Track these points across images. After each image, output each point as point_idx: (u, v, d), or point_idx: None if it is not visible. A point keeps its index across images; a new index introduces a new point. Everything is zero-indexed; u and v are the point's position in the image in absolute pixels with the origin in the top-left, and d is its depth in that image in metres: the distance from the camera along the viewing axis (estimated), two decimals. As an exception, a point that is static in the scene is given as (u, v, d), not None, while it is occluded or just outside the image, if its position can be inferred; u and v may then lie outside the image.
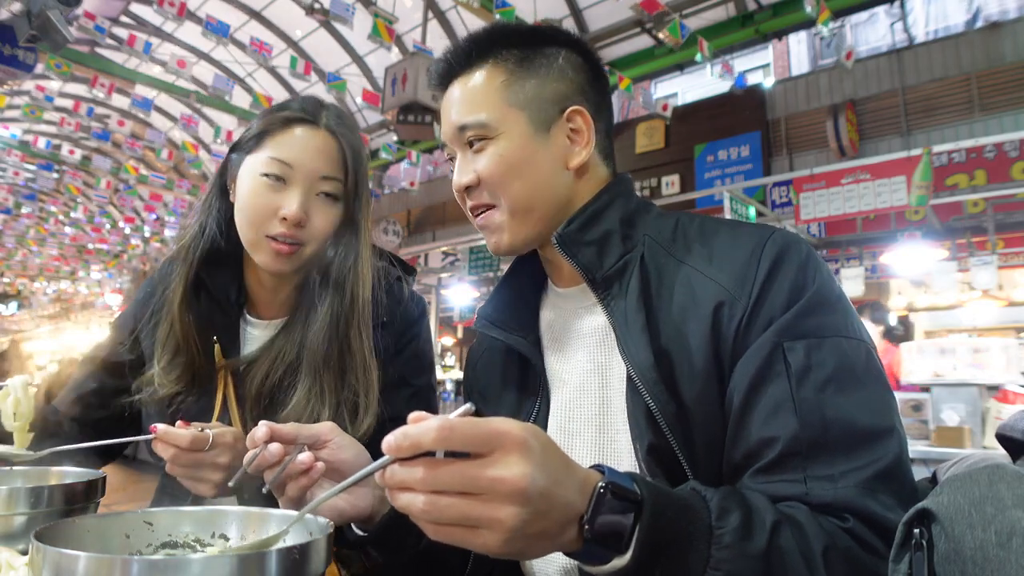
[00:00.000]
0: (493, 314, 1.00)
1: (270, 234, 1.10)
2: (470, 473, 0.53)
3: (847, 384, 0.74)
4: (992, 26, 7.97)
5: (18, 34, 4.07)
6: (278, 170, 1.10)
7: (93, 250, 18.34)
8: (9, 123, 13.01)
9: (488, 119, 0.90)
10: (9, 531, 0.83)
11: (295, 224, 1.09)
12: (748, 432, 0.75)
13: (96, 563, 0.54)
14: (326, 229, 1.13)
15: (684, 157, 9.70)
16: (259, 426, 0.81)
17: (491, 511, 0.53)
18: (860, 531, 0.66)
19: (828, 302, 0.79)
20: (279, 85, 13.12)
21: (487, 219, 0.93)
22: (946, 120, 7.84)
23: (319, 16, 6.60)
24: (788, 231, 0.86)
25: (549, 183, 0.92)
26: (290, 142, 1.11)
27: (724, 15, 8.77)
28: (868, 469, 0.69)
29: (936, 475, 0.77)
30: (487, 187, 0.91)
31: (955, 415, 4.43)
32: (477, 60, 0.93)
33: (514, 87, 0.91)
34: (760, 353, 0.76)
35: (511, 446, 0.54)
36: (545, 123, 0.92)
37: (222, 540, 0.72)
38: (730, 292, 0.81)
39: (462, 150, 0.94)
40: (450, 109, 0.94)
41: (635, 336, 0.83)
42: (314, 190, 1.11)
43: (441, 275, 9.87)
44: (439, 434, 0.53)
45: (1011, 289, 7.77)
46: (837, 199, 5.65)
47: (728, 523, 0.61)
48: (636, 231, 0.92)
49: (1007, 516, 0.51)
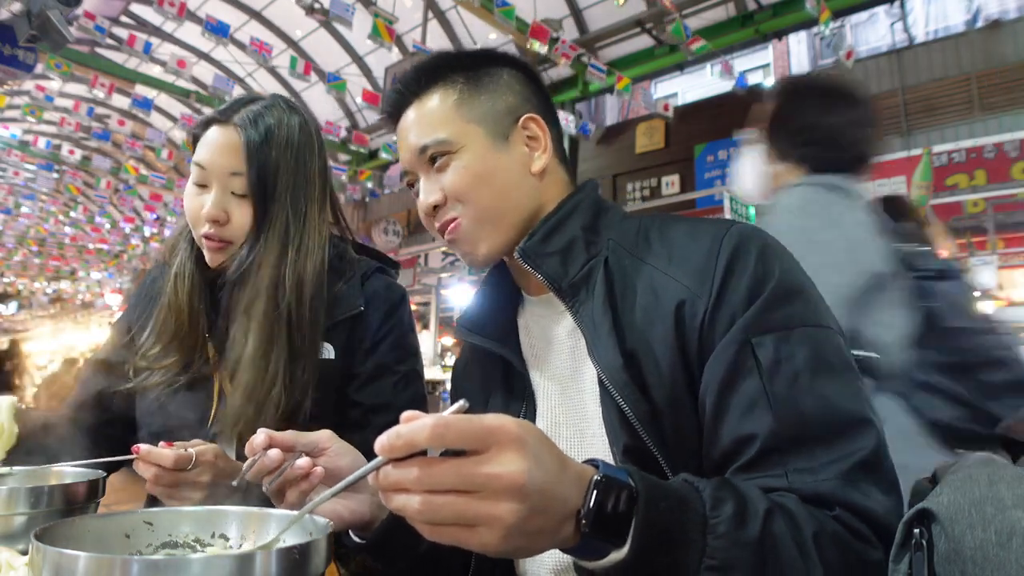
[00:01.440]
0: (472, 322, 1.01)
1: (203, 234, 1.15)
2: (466, 470, 0.53)
3: (818, 374, 0.74)
4: (992, 26, 7.97)
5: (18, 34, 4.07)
6: (198, 174, 1.15)
7: (93, 250, 18.34)
8: (9, 123, 13.01)
9: (448, 136, 0.92)
10: (9, 531, 0.83)
11: (214, 222, 1.13)
12: (725, 431, 0.75)
13: (96, 563, 0.54)
14: (246, 226, 1.15)
15: (684, 157, 9.70)
16: (258, 433, 0.82)
17: (489, 508, 0.53)
18: (846, 519, 0.67)
19: (791, 292, 0.79)
20: (279, 85, 13.12)
21: (457, 232, 0.93)
22: (946, 120, 7.84)
23: (319, 16, 6.59)
24: (747, 224, 0.86)
25: (516, 189, 0.94)
26: (204, 144, 1.16)
27: (724, 15, 8.76)
28: (848, 460, 0.70)
29: (936, 475, 0.77)
30: (455, 200, 0.92)
31: (955, 415, 4.42)
32: (427, 85, 0.95)
33: (467, 104, 0.94)
34: (729, 351, 0.76)
35: (507, 442, 0.53)
36: (502, 133, 0.94)
37: (222, 540, 0.72)
38: (691, 290, 0.81)
39: (425, 171, 0.95)
40: (407, 134, 0.95)
41: (603, 339, 0.84)
42: (228, 188, 1.14)
43: (441, 275, 9.88)
44: (434, 431, 0.52)
45: (1011, 289, 7.77)
46: (837, 199, 5.64)
47: (722, 512, 0.62)
48: (600, 236, 0.93)
49: (1007, 516, 0.51)
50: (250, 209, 1.15)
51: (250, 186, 1.14)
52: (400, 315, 1.28)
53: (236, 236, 1.15)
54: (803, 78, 2.76)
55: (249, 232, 1.16)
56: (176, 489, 0.94)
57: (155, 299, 1.25)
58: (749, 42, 8.72)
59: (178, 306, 1.20)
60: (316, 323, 1.16)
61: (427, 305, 11.03)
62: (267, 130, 1.16)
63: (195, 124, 1.20)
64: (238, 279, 1.15)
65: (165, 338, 1.20)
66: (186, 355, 1.20)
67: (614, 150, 10.52)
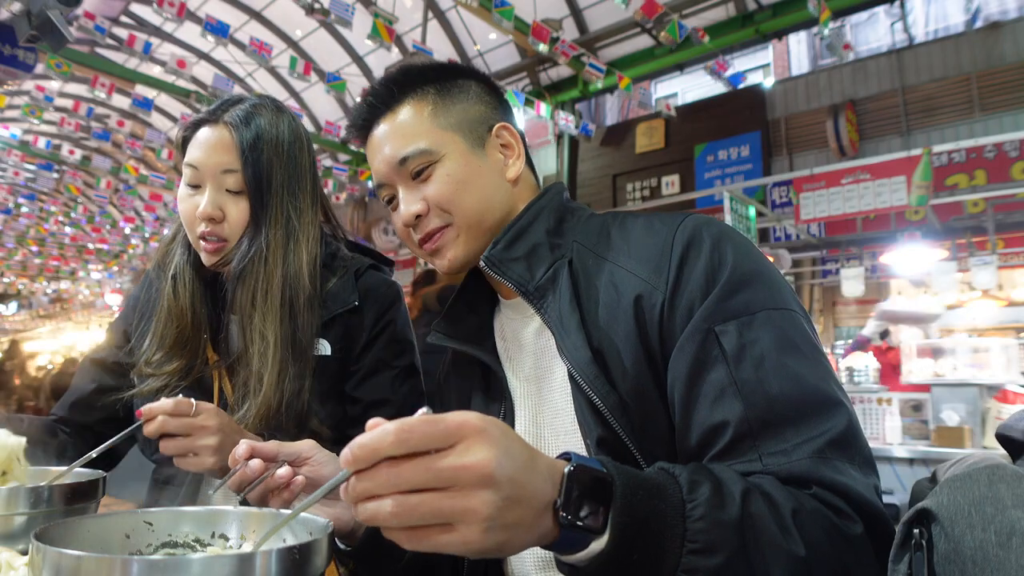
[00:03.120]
0: (448, 327, 1.02)
1: (199, 235, 1.16)
2: (435, 466, 0.51)
3: (784, 355, 0.74)
4: (992, 26, 7.97)
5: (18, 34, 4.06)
6: (190, 175, 1.16)
7: (93, 250, 18.32)
8: (9, 123, 13.00)
9: (428, 145, 0.92)
10: (9, 531, 0.83)
11: (209, 220, 1.14)
12: (696, 421, 0.76)
13: (96, 563, 0.54)
14: (241, 223, 1.16)
15: (684, 157, 9.70)
16: (240, 444, 0.83)
17: (463, 500, 0.51)
18: (823, 495, 0.68)
19: (749, 277, 0.79)
20: (279, 85, 13.11)
21: (440, 241, 0.94)
22: (946, 120, 7.84)
23: (319, 16, 6.58)
24: (701, 215, 0.88)
25: (495, 195, 0.95)
26: (196, 145, 1.17)
27: (724, 15, 8.76)
28: (820, 439, 0.70)
29: (936, 475, 0.77)
30: (439, 208, 0.93)
31: (955, 415, 4.43)
32: (399, 97, 0.96)
33: (442, 114, 0.95)
34: (693, 342, 0.77)
35: (472, 434, 0.53)
36: (479, 141, 0.96)
37: (222, 540, 0.72)
38: (648, 282, 0.82)
39: (404, 183, 0.95)
40: (382, 147, 0.95)
41: (572, 336, 0.85)
42: (222, 186, 1.15)
43: (441, 275, 9.88)
44: (398, 436, 0.51)
45: (1011, 289, 7.77)
46: (837, 199, 5.64)
47: (699, 495, 0.62)
48: (564, 239, 0.94)
49: (1007, 516, 0.51)
50: (246, 206, 1.16)
51: (246, 182, 1.15)
52: (395, 311, 1.29)
53: (232, 234, 1.16)
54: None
55: (247, 228, 1.16)
56: (188, 441, 0.96)
57: (153, 304, 1.25)
58: (749, 42, 8.71)
59: (179, 311, 1.20)
60: (313, 318, 1.18)
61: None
62: (258, 127, 1.17)
63: (183, 126, 1.21)
64: (241, 274, 1.15)
65: (168, 344, 1.20)
66: (189, 359, 1.21)
67: (614, 150, 10.51)
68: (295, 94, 13.25)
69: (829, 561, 0.64)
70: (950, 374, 4.91)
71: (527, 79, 10.65)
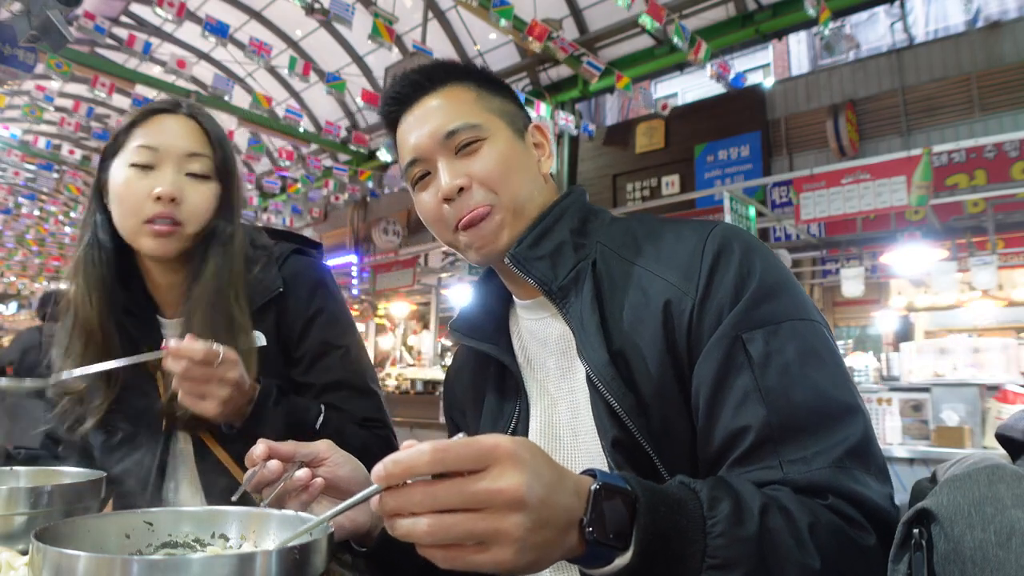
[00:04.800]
0: (465, 325, 1.03)
1: (147, 218, 1.10)
2: (468, 488, 0.54)
3: (807, 365, 0.76)
4: (992, 26, 7.97)
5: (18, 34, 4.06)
6: (146, 156, 1.12)
7: (93, 250, 18.32)
8: (9, 123, 13.00)
9: (478, 121, 0.93)
10: (9, 531, 0.83)
11: (169, 200, 1.09)
12: (719, 425, 0.77)
13: (96, 563, 0.54)
14: (202, 207, 1.13)
15: (684, 157, 9.69)
16: (257, 444, 0.83)
17: (496, 523, 0.54)
18: (840, 507, 0.69)
19: (776, 288, 0.81)
20: (279, 85, 13.11)
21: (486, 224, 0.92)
22: (946, 120, 7.84)
23: (319, 16, 6.59)
24: (730, 224, 0.89)
25: (535, 186, 0.96)
26: (155, 128, 1.14)
27: (724, 15, 8.75)
28: (838, 448, 0.72)
29: (936, 475, 0.77)
30: (483, 187, 0.91)
31: (955, 415, 4.43)
32: (445, 80, 0.96)
33: (486, 100, 0.96)
34: (720, 348, 0.79)
35: (504, 458, 0.54)
36: (520, 131, 0.98)
37: (222, 540, 0.72)
38: (678, 287, 0.84)
39: (446, 157, 0.93)
40: (426, 120, 0.94)
41: (591, 338, 0.86)
42: (183, 169, 1.13)
43: (441, 275, 9.87)
44: (434, 456, 0.53)
45: (1011, 289, 7.77)
46: (837, 199, 5.64)
47: (719, 512, 0.63)
48: (589, 239, 0.95)
49: (1007, 516, 0.51)
50: (209, 192, 1.15)
51: (217, 168, 1.15)
52: (326, 291, 1.26)
53: (187, 219, 1.12)
54: None
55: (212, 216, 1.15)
56: (203, 385, 0.97)
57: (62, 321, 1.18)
58: (749, 42, 8.72)
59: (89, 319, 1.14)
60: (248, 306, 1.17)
61: (427, 305, 11.02)
62: (212, 120, 1.19)
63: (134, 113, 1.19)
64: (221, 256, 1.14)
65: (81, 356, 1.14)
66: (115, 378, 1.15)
67: (614, 150, 10.51)
68: (295, 94, 13.25)
69: (843, 572, 0.66)
70: (950, 374, 4.91)
71: (527, 79, 10.66)
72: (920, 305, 8.36)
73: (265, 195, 14.25)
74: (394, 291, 10.23)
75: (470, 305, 1.06)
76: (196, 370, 0.96)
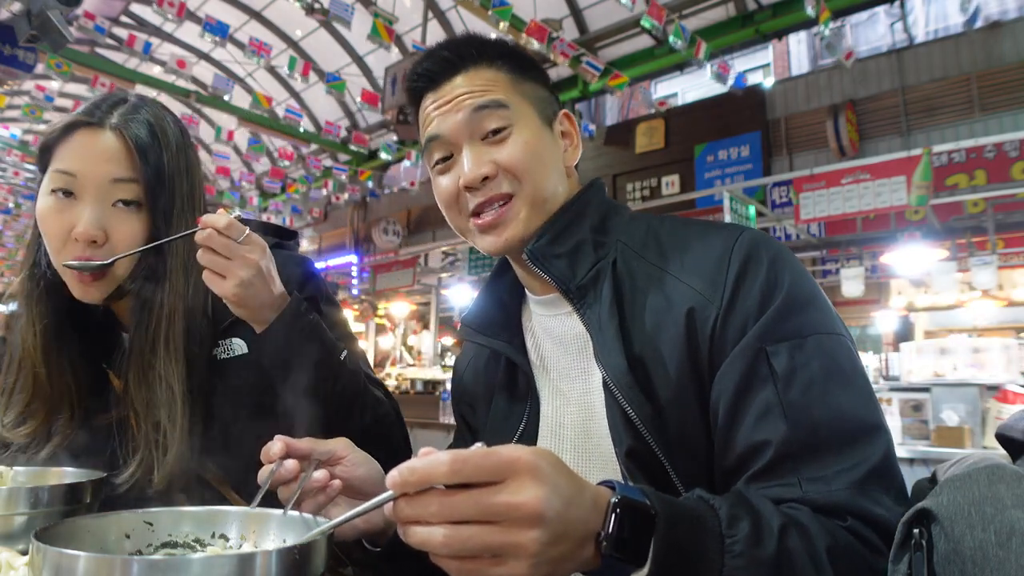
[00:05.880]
0: (476, 321, 1.01)
1: (68, 259, 0.97)
2: (486, 500, 0.52)
3: (832, 382, 0.75)
4: (992, 26, 7.96)
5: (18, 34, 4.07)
6: (63, 183, 0.98)
7: (93, 250, 18.35)
8: (9, 123, 12.99)
9: (506, 101, 0.90)
10: (9, 531, 0.83)
11: (90, 243, 0.96)
12: (739, 438, 0.76)
13: (96, 563, 0.54)
14: (130, 242, 0.99)
15: (684, 157, 9.69)
16: (275, 441, 0.80)
17: (512, 536, 0.53)
18: (859, 529, 0.68)
19: (803, 300, 0.80)
20: (279, 85, 13.11)
21: (505, 215, 0.90)
22: (946, 120, 7.84)
23: (319, 16, 6.59)
24: (758, 231, 0.87)
25: (559, 178, 0.94)
26: (73, 150, 0.99)
27: (724, 15, 8.75)
28: (860, 468, 0.71)
29: (936, 475, 0.77)
30: (510, 176, 0.89)
31: (955, 415, 4.43)
32: (479, 58, 0.93)
33: (518, 82, 0.93)
34: (744, 359, 0.77)
35: (523, 470, 0.53)
36: (548, 119, 0.95)
37: (222, 540, 0.72)
38: (702, 295, 0.81)
39: (472, 142, 0.90)
40: (453, 98, 0.91)
41: (609, 342, 0.84)
42: (108, 199, 0.99)
43: (441, 275, 9.87)
44: (452, 467, 0.52)
45: (1011, 289, 7.78)
46: (837, 199, 5.65)
47: (739, 531, 0.62)
48: (609, 237, 0.93)
49: (1007, 516, 0.51)
50: (139, 223, 1.00)
51: (146, 194, 1.00)
52: (313, 286, 1.15)
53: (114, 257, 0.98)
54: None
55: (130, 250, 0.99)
56: (225, 261, 0.92)
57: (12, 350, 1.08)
58: (749, 42, 8.71)
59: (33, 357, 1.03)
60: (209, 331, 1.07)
61: (427, 305, 11.03)
62: (151, 130, 1.01)
63: (50, 130, 1.02)
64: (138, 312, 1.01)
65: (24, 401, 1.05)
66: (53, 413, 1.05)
67: (614, 150, 10.51)
68: (295, 94, 13.25)
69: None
70: (950, 374, 4.91)
71: (527, 79, 10.65)
72: (920, 305, 8.37)
73: (265, 195, 14.25)
74: (394, 291, 10.24)
75: (482, 299, 1.04)
76: (218, 239, 0.91)
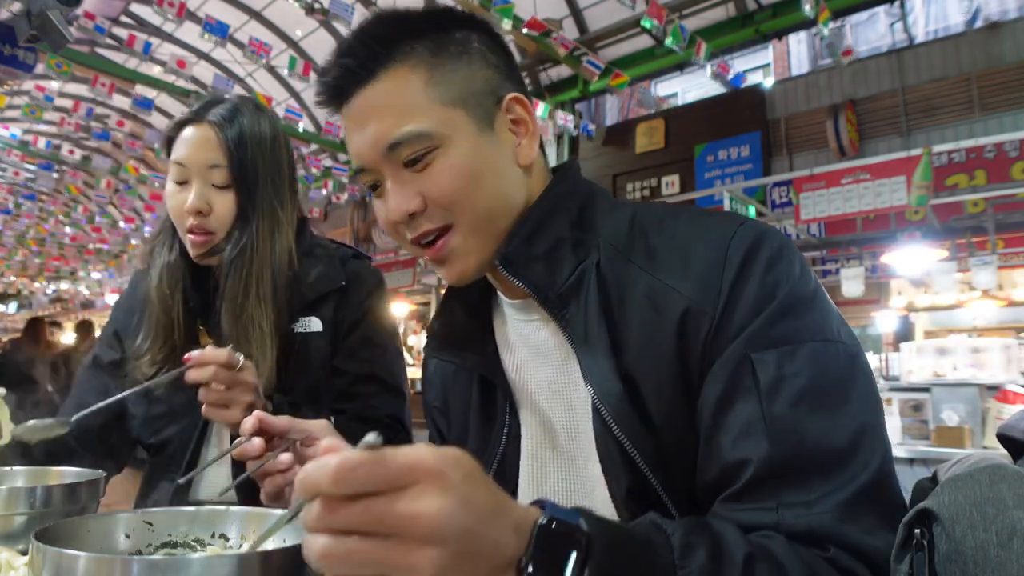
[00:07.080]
0: (443, 332, 0.90)
1: (187, 229, 1.21)
2: (377, 509, 0.43)
3: (824, 397, 0.66)
4: (992, 26, 7.97)
5: (18, 34, 4.06)
6: (177, 172, 1.21)
7: (93, 250, 18.32)
8: (9, 123, 13.00)
9: (428, 127, 0.74)
10: (9, 531, 0.83)
11: (197, 214, 1.19)
12: (718, 454, 0.68)
13: (96, 563, 0.54)
14: (226, 216, 1.21)
15: (684, 157, 9.69)
16: (252, 415, 0.85)
17: (405, 556, 0.43)
18: (841, 560, 0.60)
19: (802, 302, 0.71)
20: (279, 85, 13.11)
21: (444, 248, 0.79)
22: (946, 120, 7.84)
23: (319, 16, 6.59)
24: (758, 223, 0.76)
25: (508, 188, 0.80)
26: (181, 144, 1.22)
27: (724, 15, 8.76)
28: (846, 490, 0.63)
29: (936, 475, 0.77)
30: (441, 207, 0.77)
31: (955, 415, 4.43)
32: (384, 60, 0.76)
33: (441, 83, 0.76)
34: (727, 367, 0.69)
35: (425, 477, 0.44)
36: (487, 118, 0.78)
37: (222, 540, 0.72)
38: (695, 301, 0.72)
39: (393, 171, 0.77)
40: (364, 124, 0.76)
41: (599, 361, 0.75)
42: (208, 181, 1.20)
43: (441, 275, 9.85)
44: (337, 475, 0.43)
45: (1011, 289, 7.78)
46: (837, 199, 5.65)
47: (693, 561, 0.54)
48: (589, 234, 0.81)
49: (1008, 516, 0.51)
50: (232, 199, 1.21)
51: (232, 175, 1.20)
52: (380, 294, 1.37)
53: (218, 226, 1.21)
54: None
55: (235, 221, 1.22)
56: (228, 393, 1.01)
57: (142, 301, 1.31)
58: (749, 42, 8.72)
59: (165, 300, 1.25)
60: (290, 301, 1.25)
61: (427, 305, 11.02)
62: (240, 125, 1.23)
63: (168, 127, 1.26)
64: (232, 265, 1.21)
65: (156, 332, 1.25)
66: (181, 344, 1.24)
67: (614, 150, 10.51)
68: (295, 94, 13.25)
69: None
70: (950, 374, 4.91)
71: (527, 79, 10.66)
72: (920, 305, 8.37)
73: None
74: (394, 291, 10.24)
75: (447, 309, 0.91)
76: (223, 374, 0.99)
